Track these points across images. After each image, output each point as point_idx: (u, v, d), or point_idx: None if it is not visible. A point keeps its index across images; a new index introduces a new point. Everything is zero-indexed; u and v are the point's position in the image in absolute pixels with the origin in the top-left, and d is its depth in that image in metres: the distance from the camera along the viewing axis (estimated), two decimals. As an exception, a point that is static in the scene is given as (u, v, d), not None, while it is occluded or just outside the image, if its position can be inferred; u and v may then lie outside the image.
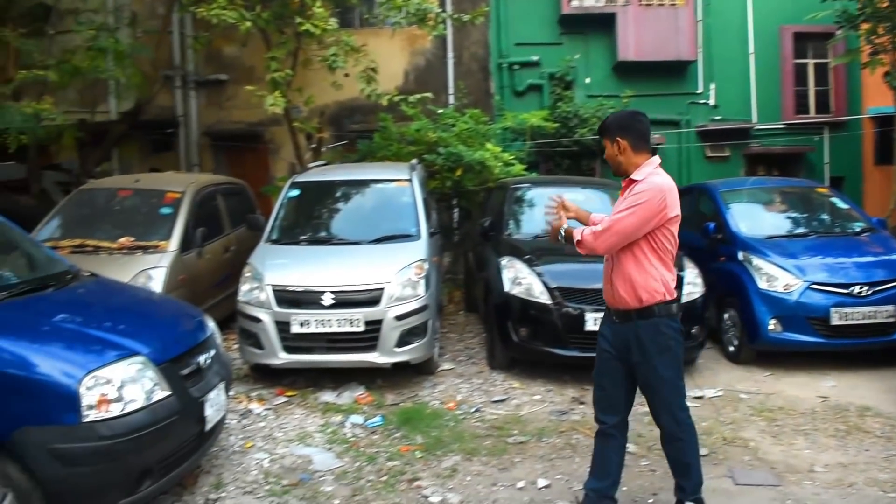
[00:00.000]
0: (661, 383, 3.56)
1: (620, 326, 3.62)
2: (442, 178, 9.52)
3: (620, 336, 3.62)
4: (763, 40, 13.95)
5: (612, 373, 3.69)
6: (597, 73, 13.74)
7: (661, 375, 3.54)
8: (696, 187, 9.19)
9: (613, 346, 3.66)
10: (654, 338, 3.52)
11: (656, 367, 3.53)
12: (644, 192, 3.48)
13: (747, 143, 13.80)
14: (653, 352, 3.52)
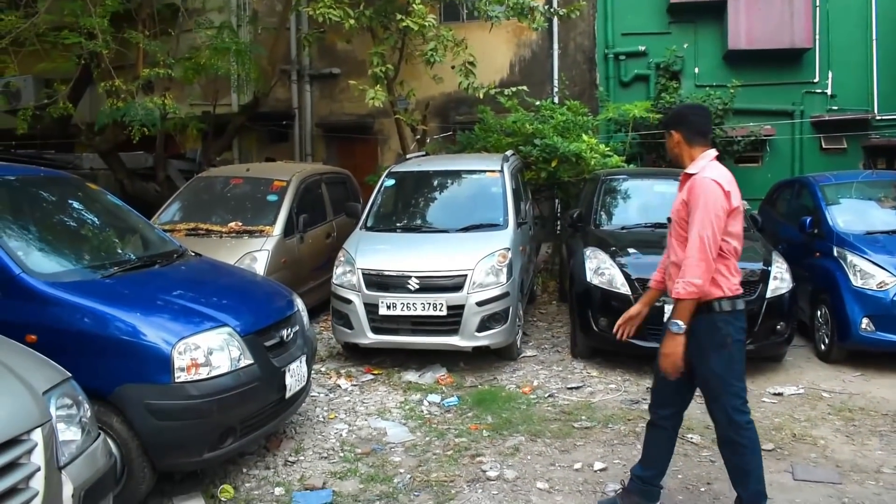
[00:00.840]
0: (715, 381, 3.51)
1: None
2: (538, 169, 9.68)
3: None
4: (886, 25, 13.21)
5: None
6: (706, 62, 13.44)
7: (715, 372, 3.49)
8: (797, 181, 8.96)
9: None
10: (710, 334, 3.46)
11: (710, 364, 3.49)
12: (699, 195, 3.40)
13: (867, 135, 13.13)
14: (707, 347, 3.47)
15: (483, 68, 11.01)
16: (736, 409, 3.51)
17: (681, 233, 3.52)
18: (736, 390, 3.52)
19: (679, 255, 3.50)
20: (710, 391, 3.56)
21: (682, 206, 3.52)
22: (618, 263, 6.51)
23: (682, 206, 3.52)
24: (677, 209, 3.58)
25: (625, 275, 6.40)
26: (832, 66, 13.27)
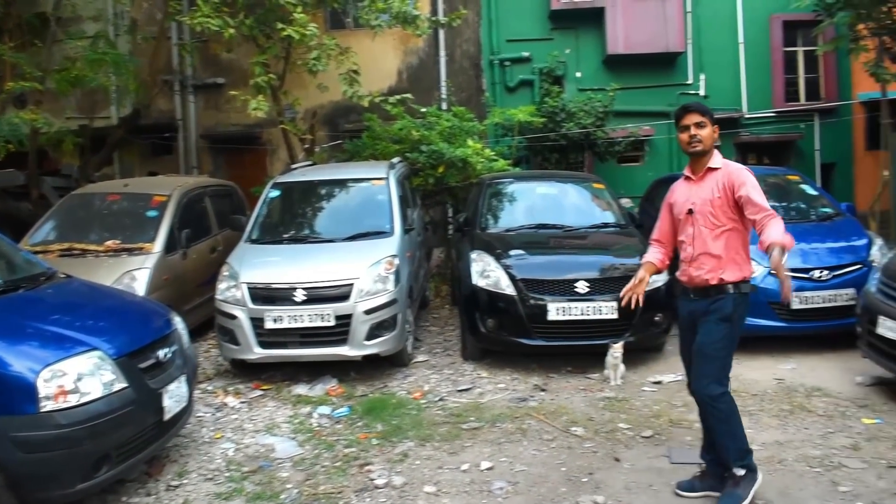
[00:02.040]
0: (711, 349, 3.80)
1: (699, 302, 3.86)
2: (425, 175, 9.76)
3: (698, 311, 3.86)
4: (752, 29, 14.05)
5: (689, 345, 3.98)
6: (588, 66, 13.93)
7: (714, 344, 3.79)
8: (673, 178, 9.26)
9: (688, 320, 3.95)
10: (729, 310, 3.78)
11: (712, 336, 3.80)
12: (742, 172, 3.76)
13: (738, 132, 13.91)
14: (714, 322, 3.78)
15: (371, 76, 11.05)
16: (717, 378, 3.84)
17: (714, 223, 3.76)
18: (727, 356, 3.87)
19: (711, 246, 3.76)
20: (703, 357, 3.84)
21: (718, 198, 3.74)
22: (503, 265, 6.64)
23: (718, 197, 3.74)
24: (709, 200, 3.77)
25: (510, 276, 6.53)
26: (704, 68, 14.00)
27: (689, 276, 3.88)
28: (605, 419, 5.24)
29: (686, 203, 3.90)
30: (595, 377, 6.28)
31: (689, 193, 3.91)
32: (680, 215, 3.95)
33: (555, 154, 12.26)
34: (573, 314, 6.34)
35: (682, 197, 3.97)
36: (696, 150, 3.84)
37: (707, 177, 3.85)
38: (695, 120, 3.83)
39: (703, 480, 4.00)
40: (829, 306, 6.61)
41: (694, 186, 3.90)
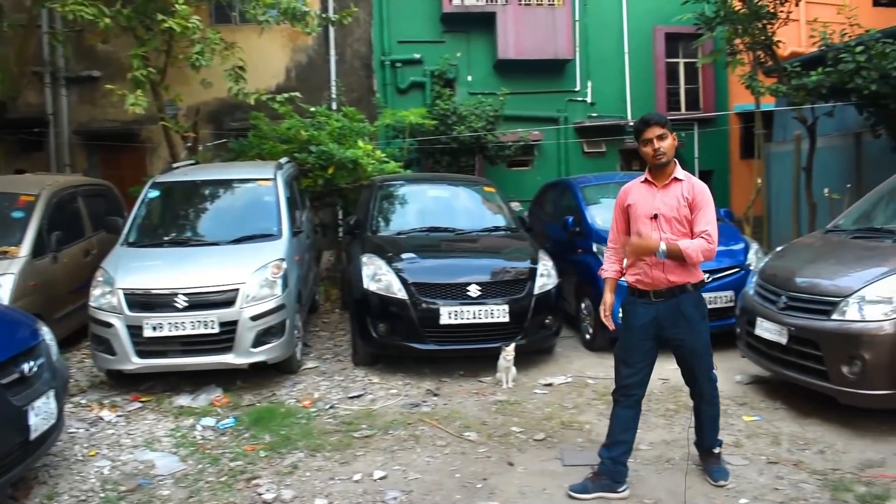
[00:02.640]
0: (704, 348, 4.05)
1: (663, 304, 3.96)
2: (314, 176, 9.53)
3: (665, 312, 3.96)
4: (637, 40, 14.56)
5: (647, 350, 4.06)
6: (478, 70, 14.04)
7: (704, 341, 4.05)
8: (560, 183, 9.55)
9: (657, 325, 4.00)
10: (698, 308, 4.01)
11: (701, 335, 4.03)
12: (705, 197, 3.93)
13: (622, 139, 14.36)
14: (696, 321, 3.99)
15: (259, 73, 10.71)
16: (712, 368, 4.13)
17: (680, 229, 3.91)
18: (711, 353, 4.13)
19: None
20: (700, 358, 4.06)
21: (685, 207, 3.91)
22: (394, 269, 6.54)
23: (684, 206, 3.91)
24: (676, 207, 3.92)
25: (401, 280, 6.44)
26: (591, 76, 14.39)
27: (653, 278, 3.96)
28: (498, 423, 5.23)
29: (650, 208, 3.96)
30: (487, 381, 6.28)
31: (654, 199, 3.97)
32: (641, 219, 3.99)
33: (446, 157, 12.28)
34: (465, 318, 6.32)
35: (643, 201, 4.01)
36: (661, 161, 3.92)
37: (672, 186, 3.96)
38: (657, 133, 3.91)
39: (595, 481, 4.05)
40: (710, 308, 6.83)
41: (658, 193, 3.97)
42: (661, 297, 3.96)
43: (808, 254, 5.88)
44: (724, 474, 4.13)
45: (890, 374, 4.57)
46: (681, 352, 4.08)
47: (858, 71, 8.30)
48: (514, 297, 6.49)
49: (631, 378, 4.07)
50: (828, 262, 5.43)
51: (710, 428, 4.19)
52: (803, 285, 5.25)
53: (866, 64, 8.24)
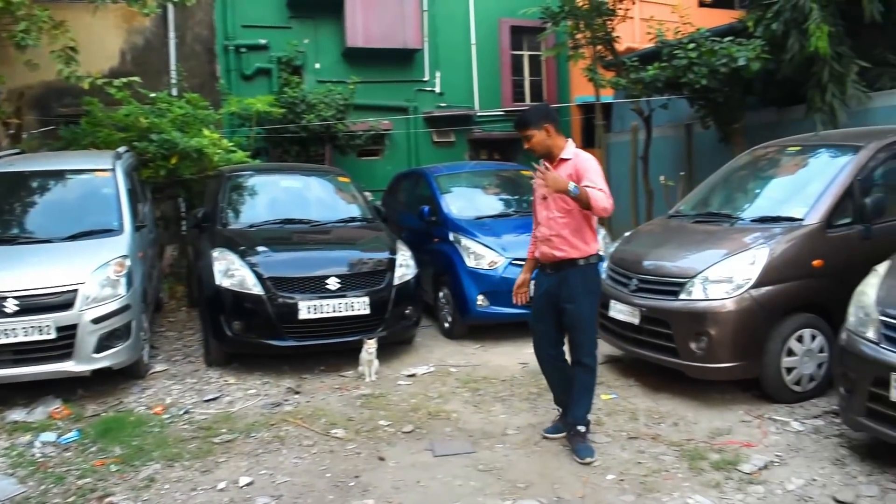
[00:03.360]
0: (588, 319, 4.38)
1: (555, 276, 4.37)
2: (156, 166, 8.96)
3: (555, 283, 4.36)
4: (483, 32, 14.77)
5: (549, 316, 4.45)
6: (326, 58, 13.74)
7: (587, 312, 4.37)
8: (415, 172, 9.56)
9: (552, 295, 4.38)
10: (584, 282, 4.34)
11: (583, 305, 4.34)
12: (589, 166, 4.24)
13: (471, 129, 14.58)
14: (582, 293, 4.32)
15: (90, 55, 9.89)
16: (594, 342, 4.45)
17: (564, 206, 4.24)
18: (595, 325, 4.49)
19: (562, 226, 4.28)
20: (580, 330, 4.36)
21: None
22: (248, 263, 6.27)
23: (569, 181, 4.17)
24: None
25: (256, 275, 6.18)
26: (440, 66, 14.45)
27: (544, 253, 4.41)
28: (365, 417, 5.14)
29: (542, 189, 4.35)
30: (350, 375, 6.17)
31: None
32: (537, 200, 4.47)
33: (295, 146, 11.92)
34: (325, 312, 6.17)
35: (539, 184, 4.40)
36: (535, 154, 4.40)
37: (560, 166, 4.31)
38: (523, 133, 4.37)
39: (564, 423, 4.58)
40: (563, 293, 7.09)
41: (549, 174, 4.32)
42: (553, 270, 4.38)
43: (653, 238, 6.19)
44: (590, 452, 4.31)
45: (732, 348, 4.91)
46: (565, 320, 4.39)
47: (690, 67, 8.85)
48: (374, 289, 6.41)
49: (542, 340, 4.58)
50: (673, 246, 5.74)
51: (581, 399, 4.41)
52: (651, 268, 5.52)
53: (697, 60, 8.80)
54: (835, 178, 5.34)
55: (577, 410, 4.42)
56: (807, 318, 5.04)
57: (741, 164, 6.64)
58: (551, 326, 4.51)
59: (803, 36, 7.99)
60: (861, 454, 4.14)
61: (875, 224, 5.17)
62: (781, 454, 4.20)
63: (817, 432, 4.51)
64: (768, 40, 8.51)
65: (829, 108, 8.09)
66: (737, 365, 4.92)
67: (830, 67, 8.02)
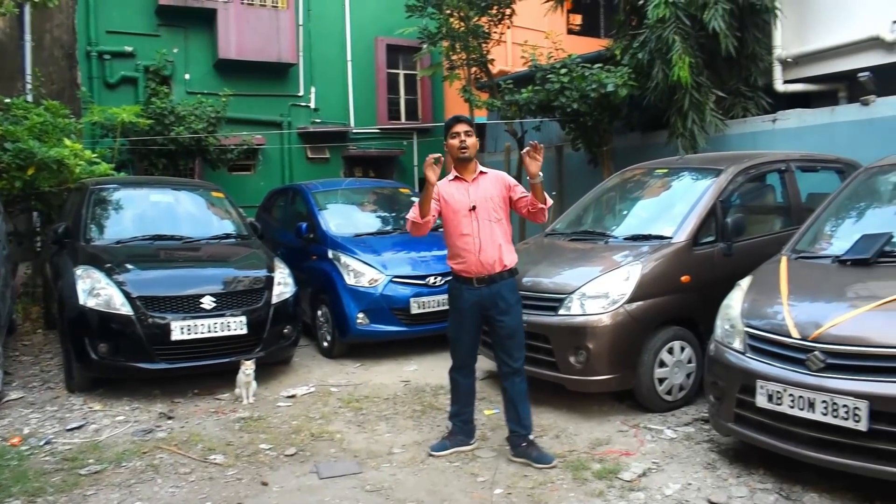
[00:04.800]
0: (520, 328, 4.49)
1: (486, 288, 4.38)
2: (10, 177, 8.32)
3: (487, 296, 4.38)
4: (360, 49, 14.81)
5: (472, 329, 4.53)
6: (197, 69, 13.35)
7: (519, 321, 4.49)
8: (291, 188, 9.40)
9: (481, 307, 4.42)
10: (514, 292, 4.47)
11: (517, 315, 4.46)
12: (510, 180, 4.54)
13: (346, 146, 14.52)
14: (514, 303, 4.44)
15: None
16: (524, 347, 4.57)
17: (495, 216, 4.39)
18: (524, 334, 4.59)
19: (494, 236, 4.38)
20: (516, 336, 4.47)
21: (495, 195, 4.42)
22: (115, 282, 5.92)
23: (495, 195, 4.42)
24: (489, 198, 4.40)
25: (125, 293, 5.85)
26: (315, 81, 14.35)
27: (475, 267, 4.37)
28: (245, 441, 4.95)
29: (467, 201, 4.38)
30: (226, 398, 5.94)
31: (468, 193, 4.41)
32: (459, 211, 4.40)
33: (162, 159, 11.45)
34: (200, 332, 5.92)
35: (459, 196, 4.42)
36: (464, 155, 4.39)
37: (479, 179, 4.45)
38: (464, 129, 4.39)
39: (452, 439, 4.66)
40: (444, 309, 7.06)
41: (471, 187, 4.43)
42: (485, 283, 4.38)
43: (530, 256, 6.32)
44: (550, 458, 4.38)
45: (609, 361, 5.09)
46: (501, 332, 4.44)
47: (562, 91, 9.20)
48: (251, 308, 6.22)
49: (464, 355, 4.62)
50: (550, 264, 5.90)
51: (525, 407, 4.50)
52: (530, 285, 5.62)
53: (569, 85, 9.16)
54: (699, 199, 5.68)
55: (527, 419, 4.49)
56: (676, 331, 5.31)
57: (611, 184, 6.94)
58: (474, 340, 4.60)
59: (666, 66, 8.49)
60: (730, 458, 4.39)
61: (735, 242, 5.53)
62: (658, 461, 4.38)
63: (689, 439, 4.74)
64: (634, 68, 8.99)
65: (690, 133, 8.61)
66: (613, 377, 5.11)
67: (691, 96, 8.55)
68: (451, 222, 4.47)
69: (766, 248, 5.17)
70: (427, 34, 11.27)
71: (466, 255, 4.40)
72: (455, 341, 4.64)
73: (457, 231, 4.43)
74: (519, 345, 4.50)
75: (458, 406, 4.71)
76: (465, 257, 4.41)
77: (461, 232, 4.41)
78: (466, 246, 4.40)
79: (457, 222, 4.43)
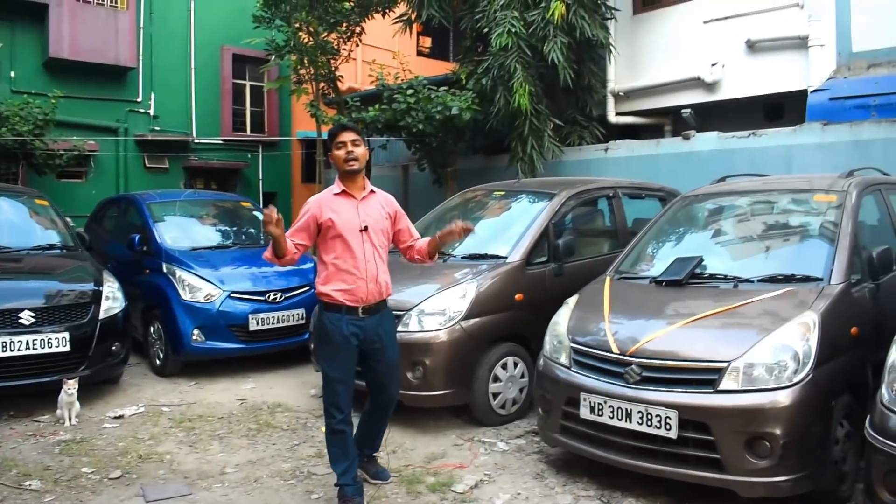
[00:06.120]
0: (397, 358, 4.28)
1: (370, 319, 3.98)
2: None
3: (370, 327, 3.99)
4: (204, 57, 14.38)
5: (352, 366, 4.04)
6: (25, 67, 12.49)
7: (396, 351, 4.26)
8: (124, 198, 9.01)
9: (362, 340, 3.98)
10: (392, 323, 4.29)
11: (395, 346, 4.23)
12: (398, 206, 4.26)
13: (187, 156, 14.03)
14: (392, 334, 4.22)
15: None
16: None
17: (384, 242, 4.07)
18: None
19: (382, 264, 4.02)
20: (394, 368, 4.25)
21: (385, 219, 4.09)
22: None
23: (385, 219, 4.09)
24: (380, 219, 4.05)
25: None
26: (155, 87, 13.78)
27: (367, 292, 3.94)
28: (65, 465, 4.65)
29: (357, 221, 3.94)
30: (45, 419, 5.55)
31: (358, 212, 3.96)
32: (350, 233, 3.91)
33: (-18, 163, 10.60)
34: (17, 349, 5.52)
35: (347, 214, 3.93)
36: (352, 168, 3.93)
37: (370, 198, 4.05)
38: (351, 137, 3.94)
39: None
40: (283, 326, 7.05)
41: (360, 205, 3.98)
42: (369, 313, 3.97)
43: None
44: (387, 474, 4.40)
45: (445, 376, 5.21)
46: (380, 365, 4.11)
47: (409, 111, 9.38)
48: (75, 324, 5.88)
49: (347, 396, 4.03)
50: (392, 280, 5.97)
51: (383, 430, 4.43)
52: (371, 301, 5.68)
53: (415, 106, 9.35)
54: (533, 221, 5.97)
55: (380, 440, 4.45)
56: (509, 347, 5.53)
57: (453, 204, 7.15)
58: (352, 375, 4.05)
59: (508, 92, 8.88)
60: (557, 467, 4.61)
61: (566, 263, 5.86)
62: (490, 473, 4.53)
63: (520, 451, 4.94)
64: (478, 93, 9.32)
65: (529, 158, 9.04)
66: (449, 392, 5.24)
67: (531, 122, 8.98)
68: (335, 243, 3.91)
69: (595, 269, 5.51)
70: (275, 46, 11.14)
71: (354, 281, 3.89)
72: (336, 382, 3.98)
73: (344, 253, 3.90)
74: (397, 373, 4.35)
75: (348, 462, 4.03)
76: (351, 283, 3.89)
77: (350, 254, 3.89)
78: (355, 271, 3.89)
79: (343, 244, 3.90)
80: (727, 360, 3.79)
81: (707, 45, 9.64)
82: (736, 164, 7.80)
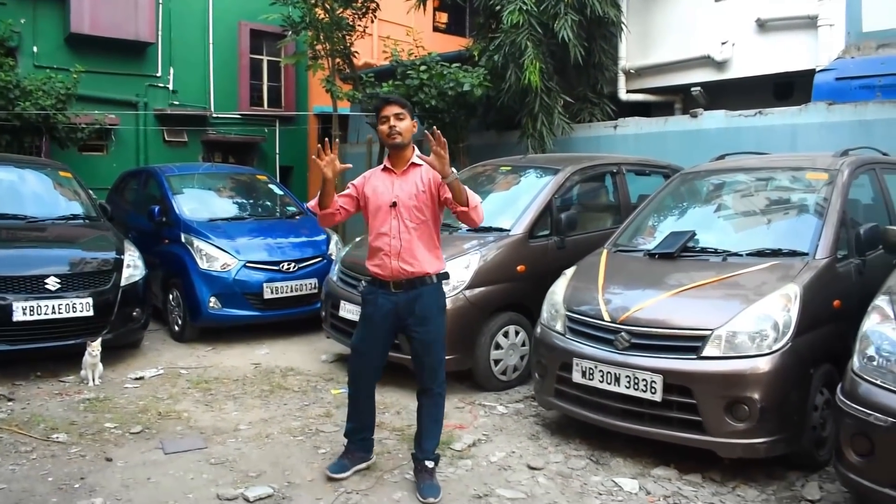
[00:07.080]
0: (440, 340, 4.01)
1: (403, 294, 3.88)
2: None
3: (403, 303, 3.89)
4: (222, 32, 14.57)
5: (376, 340, 4.02)
6: (46, 42, 12.74)
7: (441, 332, 4.01)
8: (144, 171, 9.25)
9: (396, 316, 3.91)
10: (437, 299, 3.99)
11: (438, 325, 3.98)
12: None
13: (205, 130, 14.28)
14: (436, 311, 3.96)
15: None
16: (443, 364, 4.09)
17: (418, 216, 3.83)
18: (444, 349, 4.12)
19: (415, 239, 3.83)
20: (434, 349, 3.97)
21: (423, 192, 3.82)
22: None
23: (423, 192, 3.82)
24: (415, 194, 3.82)
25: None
26: (174, 62, 13.99)
27: (392, 269, 3.85)
28: (89, 421, 4.95)
29: (389, 195, 3.85)
30: (70, 380, 5.87)
31: (392, 187, 3.86)
32: (381, 207, 3.88)
33: (6, 136, 10.86)
34: (44, 313, 5.82)
35: (383, 189, 3.89)
36: (395, 141, 3.81)
37: (410, 172, 3.87)
38: (394, 111, 3.81)
39: (352, 459, 4.17)
40: (296, 295, 7.33)
41: (397, 180, 3.87)
42: (402, 289, 3.89)
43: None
44: (435, 491, 3.87)
45: (449, 343, 5.28)
46: (416, 345, 3.98)
47: (422, 87, 9.55)
48: (98, 290, 6.17)
49: (363, 364, 4.07)
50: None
51: (432, 431, 4.03)
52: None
53: (428, 82, 9.53)
54: (536, 195, 6.17)
55: (429, 443, 4.00)
56: (511, 316, 5.77)
57: (462, 179, 7.33)
58: (381, 352, 4.08)
59: (519, 69, 9.02)
60: (552, 429, 4.86)
61: (568, 236, 6.06)
62: (488, 433, 4.79)
63: (518, 414, 5.20)
64: (490, 70, 9.47)
65: (539, 134, 9.20)
66: (452, 358, 5.41)
67: (541, 99, 9.13)
68: (371, 219, 3.95)
69: (597, 243, 5.68)
70: (291, 22, 11.31)
71: (382, 257, 3.88)
72: (356, 351, 4.12)
73: (375, 229, 3.92)
74: (438, 362, 4.01)
75: (355, 423, 4.17)
76: (381, 259, 3.88)
77: (379, 230, 3.89)
78: (384, 247, 3.86)
79: (375, 220, 3.91)
80: (711, 329, 4.01)
81: (718, 24, 9.72)
82: (742, 142, 7.92)
